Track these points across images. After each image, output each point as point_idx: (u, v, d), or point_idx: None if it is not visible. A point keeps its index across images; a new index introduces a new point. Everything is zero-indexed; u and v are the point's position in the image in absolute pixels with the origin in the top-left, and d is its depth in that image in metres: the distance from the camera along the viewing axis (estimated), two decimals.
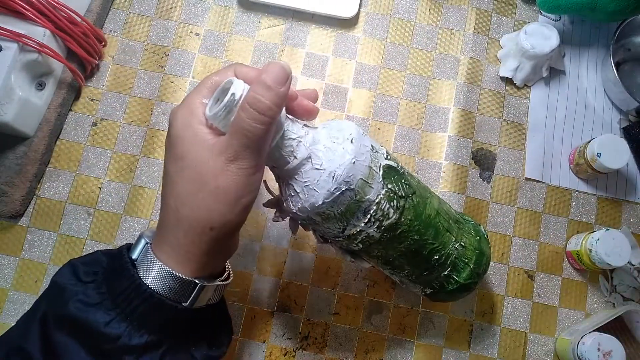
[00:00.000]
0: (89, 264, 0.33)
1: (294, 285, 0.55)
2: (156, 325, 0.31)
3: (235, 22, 0.63)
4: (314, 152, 0.36)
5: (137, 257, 0.32)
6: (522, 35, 0.58)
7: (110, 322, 0.29)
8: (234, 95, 0.32)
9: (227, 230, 0.32)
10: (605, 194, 0.59)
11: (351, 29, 0.63)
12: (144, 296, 0.30)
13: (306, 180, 0.36)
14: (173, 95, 0.60)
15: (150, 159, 0.58)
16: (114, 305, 0.30)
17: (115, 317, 0.30)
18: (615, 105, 0.62)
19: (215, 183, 0.31)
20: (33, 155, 0.54)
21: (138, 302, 0.30)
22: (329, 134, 0.37)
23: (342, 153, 0.36)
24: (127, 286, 0.30)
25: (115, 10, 0.62)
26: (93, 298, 0.30)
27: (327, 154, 0.36)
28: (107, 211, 0.56)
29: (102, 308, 0.30)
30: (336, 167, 0.35)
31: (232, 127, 0.31)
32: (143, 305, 0.30)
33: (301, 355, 0.53)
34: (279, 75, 0.31)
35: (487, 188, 0.59)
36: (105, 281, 0.31)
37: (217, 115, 0.32)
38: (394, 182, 0.38)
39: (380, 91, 0.61)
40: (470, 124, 0.61)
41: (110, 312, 0.30)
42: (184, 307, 0.32)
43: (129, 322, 0.30)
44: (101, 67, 0.60)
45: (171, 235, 0.32)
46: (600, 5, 0.57)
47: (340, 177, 0.35)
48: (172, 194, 0.32)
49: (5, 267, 0.54)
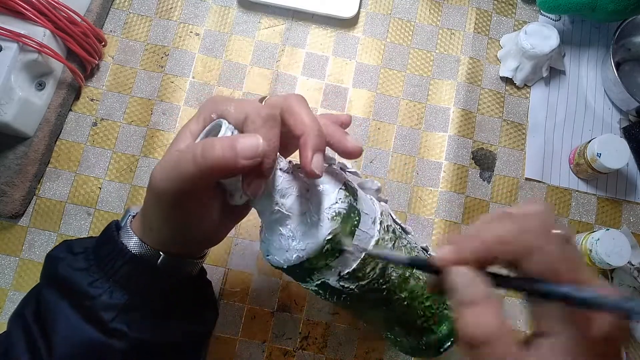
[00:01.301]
0: (82, 240, 0.37)
1: (294, 285, 0.54)
2: (136, 287, 0.33)
3: (235, 22, 0.63)
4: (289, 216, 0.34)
5: (122, 226, 0.35)
6: (522, 35, 0.58)
7: (94, 282, 0.32)
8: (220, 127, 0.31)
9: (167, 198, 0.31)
10: (605, 194, 0.59)
11: (351, 29, 0.63)
12: (124, 258, 0.33)
13: (270, 232, 0.35)
14: (173, 95, 0.60)
15: (150, 159, 0.58)
16: (99, 270, 0.33)
17: (99, 279, 0.33)
18: (615, 105, 0.62)
19: (172, 148, 0.33)
20: (33, 155, 0.54)
21: (120, 264, 0.33)
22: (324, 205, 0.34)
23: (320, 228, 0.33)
24: (111, 249, 0.33)
25: (115, 10, 0.62)
26: (81, 264, 0.33)
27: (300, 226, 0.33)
28: (107, 211, 0.56)
29: (89, 272, 0.33)
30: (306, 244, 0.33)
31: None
32: (124, 267, 0.33)
33: (301, 355, 0.53)
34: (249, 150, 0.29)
35: (487, 188, 0.59)
36: (94, 251, 0.34)
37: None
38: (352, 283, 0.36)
39: (380, 91, 0.61)
40: (470, 123, 0.61)
41: (94, 275, 0.33)
42: (159, 269, 0.34)
43: (111, 283, 0.32)
44: (101, 67, 0.60)
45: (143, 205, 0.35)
46: (600, 5, 0.57)
47: (288, 263, 0.34)
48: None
49: (5, 267, 0.54)
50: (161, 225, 0.33)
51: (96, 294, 0.32)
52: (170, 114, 0.59)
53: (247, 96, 0.61)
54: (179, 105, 0.59)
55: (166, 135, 0.58)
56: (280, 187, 0.33)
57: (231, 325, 0.53)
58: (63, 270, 0.33)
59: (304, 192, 0.34)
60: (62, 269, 0.33)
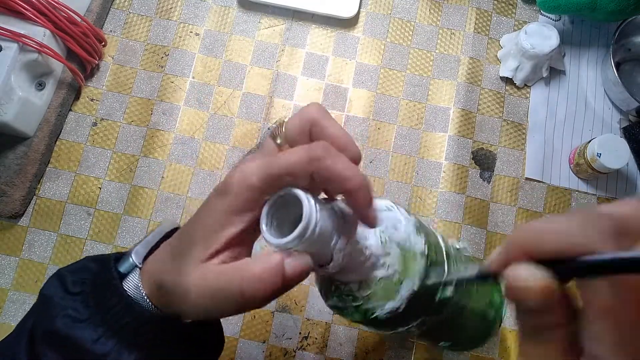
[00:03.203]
0: (76, 272, 0.32)
1: None
2: (145, 344, 0.30)
3: (235, 22, 0.63)
4: (366, 281, 0.31)
5: (126, 273, 0.31)
6: (522, 35, 0.58)
7: (98, 339, 0.29)
8: (309, 224, 0.24)
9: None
10: (605, 194, 0.59)
11: (351, 29, 0.63)
12: (133, 314, 0.29)
13: (346, 295, 0.32)
14: (173, 95, 0.60)
15: (150, 159, 0.58)
16: (103, 322, 0.29)
17: (104, 334, 0.29)
18: (615, 105, 0.62)
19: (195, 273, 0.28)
20: (33, 155, 0.54)
21: (129, 319, 0.29)
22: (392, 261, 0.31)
23: (390, 296, 0.31)
24: (117, 302, 0.29)
25: (115, 10, 0.62)
26: (81, 313, 0.29)
27: (377, 287, 0.31)
28: (107, 211, 0.56)
29: (91, 324, 0.29)
30: (376, 306, 0.31)
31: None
32: (132, 323, 0.29)
33: (301, 355, 0.53)
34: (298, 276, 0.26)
35: (487, 188, 0.59)
36: (93, 293, 0.30)
37: (286, 246, 0.25)
38: (432, 314, 0.35)
39: (380, 91, 0.61)
40: (470, 124, 0.61)
41: (98, 329, 0.29)
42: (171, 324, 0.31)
43: (117, 339, 0.29)
44: (101, 67, 0.60)
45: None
46: (600, 5, 0.57)
47: (376, 316, 0.31)
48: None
49: (5, 267, 0.54)
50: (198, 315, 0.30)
51: (102, 352, 0.28)
52: (170, 114, 0.59)
53: (247, 96, 0.60)
54: (179, 105, 0.59)
55: (166, 135, 0.58)
56: (359, 231, 0.29)
57: (231, 325, 0.53)
58: (63, 325, 0.29)
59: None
60: (62, 322, 0.29)
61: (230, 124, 0.59)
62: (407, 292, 0.30)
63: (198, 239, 0.28)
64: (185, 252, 0.28)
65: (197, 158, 0.58)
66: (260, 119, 0.60)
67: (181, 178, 0.57)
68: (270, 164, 0.26)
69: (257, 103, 0.60)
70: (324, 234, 0.25)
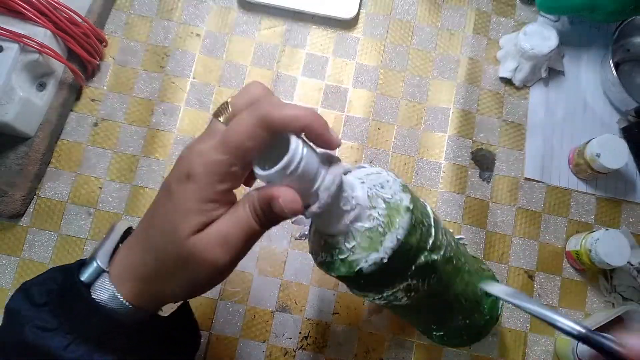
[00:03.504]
0: (42, 283, 0.32)
1: (294, 285, 0.55)
2: (115, 345, 0.30)
3: (236, 23, 0.63)
4: (352, 231, 0.32)
5: (90, 280, 0.30)
6: (521, 36, 0.59)
7: (68, 346, 0.29)
8: (291, 162, 0.27)
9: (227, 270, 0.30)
10: (604, 194, 0.59)
11: (351, 30, 0.64)
12: (99, 316, 0.29)
13: (335, 247, 0.33)
14: (174, 95, 0.60)
15: (151, 159, 0.58)
16: (71, 329, 0.29)
17: (73, 341, 0.29)
18: (614, 106, 0.62)
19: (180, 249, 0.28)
20: (34, 156, 0.54)
21: (96, 323, 0.29)
22: (378, 212, 0.32)
23: (376, 247, 0.32)
24: (83, 308, 0.29)
25: (116, 10, 0.62)
26: (49, 323, 0.29)
27: (363, 239, 0.32)
28: (108, 211, 0.56)
29: (60, 332, 0.29)
30: (362, 258, 0.32)
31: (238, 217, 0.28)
32: (101, 325, 0.29)
33: (301, 355, 0.53)
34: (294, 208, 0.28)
35: (486, 188, 0.59)
36: (59, 302, 0.30)
37: (268, 177, 0.27)
38: (421, 278, 0.35)
39: (380, 91, 0.62)
40: (469, 124, 0.61)
41: (67, 336, 0.29)
42: (142, 324, 0.31)
43: (87, 344, 0.29)
44: (102, 67, 0.60)
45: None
46: (599, 6, 0.57)
47: (362, 269, 0.32)
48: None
49: (6, 267, 0.54)
50: (185, 292, 0.30)
51: (74, 357, 0.28)
52: (171, 114, 0.59)
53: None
54: (179, 106, 0.60)
55: (167, 135, 0.58)
56: (346, 182, 0.31)
57: (231, 325, 0.53)
58: (32, 336, 0.29)
59: (362, 184, 0.33)
60: (30, 333, 0.29)
61: None
62: (391, 244, 0.31)
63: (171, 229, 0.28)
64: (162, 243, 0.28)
65: None
66: None
67: None
68: (226, 135, 0.27)
69: None
70: (308, 168, 0.27)
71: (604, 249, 0.51)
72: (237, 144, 0.27)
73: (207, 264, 0.28)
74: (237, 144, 0.27)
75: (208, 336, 0.52)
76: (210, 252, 0.27)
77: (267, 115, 0.26)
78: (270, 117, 0.26)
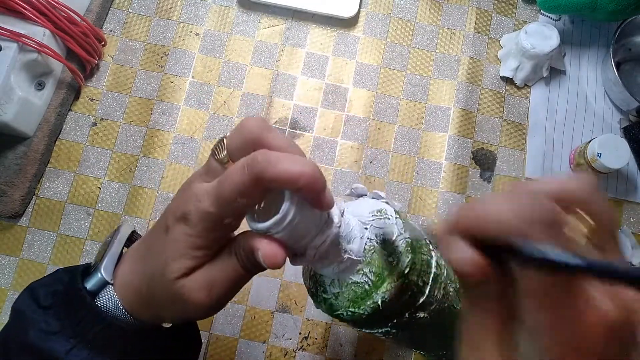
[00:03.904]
0: (49, 284, 0.32)
1: (294, 285, 0.54)
2: (117, 352, 0.30)
3: (235, 22, 0.63)
4: (339, 279, 0.32)
5: (94, 288, 0.31)
6: (523, 35, 0.58)
7: (71, 350, 0.29)
8: (283, 219, 0.26)
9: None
10: (605, 194, 0.59)
11: (351, 29, 0.63)
12: (103, 324, 0.30)
13: (322, 288, 0.33)
14: (173, 95, 0.60)
15: (150, 159, 0.58)
16: (74, 333, 0.30)
17: (76, 345, 0.29)
18: (615, 105, 0.62)
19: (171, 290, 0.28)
20: (33, 155, 0.54)
21: (98, 329, 0.30)
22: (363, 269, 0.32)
23: (363, 302, 0.31)
24: (86, 314, 0.30)
25: (114, 10, 0.62)
26: (53, 326, 0.30)
27: (349, 290, 0.32)
28: (107, 211, 0.56)
29: (63, 336, 0.30)
30: (349, 307, 0.32)
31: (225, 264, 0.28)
32: (103, 332, 0.30)
33: (301, 356, 0.53)
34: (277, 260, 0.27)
35: (487, 188, 0.59)
36: (63, 305, 0.31)
37: (260, 230, 0.27)
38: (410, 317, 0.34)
39: (380, 91, 0.61)
40: (470, 123, 0.60)
41: (70, 340, 0.29)
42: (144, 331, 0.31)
43: (90, 349, 0.30)
44: (101, 66, 0.60)
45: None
46: (600, 5, 0.57)
47: (345, 316, 0.32)
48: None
49: (5, 267, 0.54)
50: (179, 320, 0.31)
51: None
52: (170, 113, 0.59)
53: (247, 96, 0.60)
54: (178, 105, 0.59)
55: (166, 135, 0.58)
56: (344, 232, 0.30)
57: (231, 325, 0.53)
58: (36, 338, 0.29)
59: (363, 231, 0.32)
60: (34, 335, 0.29)
61: (230, 124, 0.59)
62: (373, 305, 0.31)
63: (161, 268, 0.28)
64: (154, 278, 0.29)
65: (196, 158, 0.58)
66: None
67: (181, 178, 0.57)
68: (219, 188, 0.26)
69: (257, 103, 0.60)
70: (299, 227, 0.26)
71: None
72: (229, 200, 0.26)
73: (192, 305, 0.28)
74: (230, 200, 0.26)
75: (208, 336, 0.52)
76: (195, 296, 0.28)
77: (262, 174, 0.25)
78: (265, 176, 0.25)
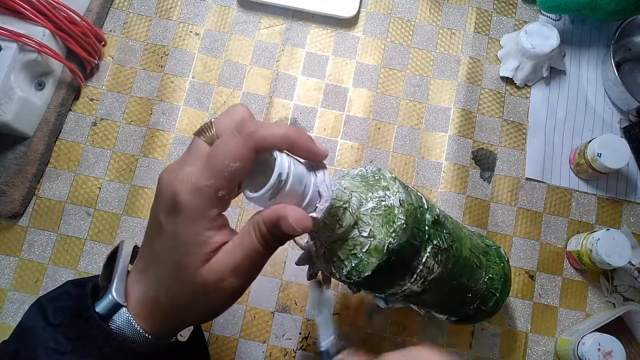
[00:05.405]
0: (57, 299, 0.32)
1: (294, 285, 0.54)
2: None
3: (235, 22, 0.63)
4: (361, 218, 0.33)
5: (106, 312, 0.30)
6: (523, 35, 0.58)
7: None
8: (281, 176, 0.26)
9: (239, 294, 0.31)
10: (605, 194, 0.59)
11: (351, 29, 0.63)
12: (113, 345, 0.29)
13: (352, 248, 0.33)
14: (173, 95, 0.60)
15: (150, 159, 0.57)
16: (85, 353, 0.29)
17: None
18: (615, 105, 0.62)
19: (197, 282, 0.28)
20: (32, 155, 0.54)
21: (109, 349, 0.29)
22: (373, 194, 0.34)
23: (391, 218, 0.33)
24: (97, 334, 0.29)
25: (115, 10, 0.62)
26: (63, 345, 0.29)
27: (375, 220, 0.33)
28: (107, 211, 0.56)
29: (74, 356, 0.29)
30: (386, 235, 0.32)
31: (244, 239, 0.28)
32: (115, 353, 0.29)
33: (301, 356, 0.53)
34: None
35: (487, 188, 0.59)
36: (73, 324, 0.30)
37: (261, 198, 0.27)
38: (438, 236, 0.36)
39: (380, 91, 0.61)
40: (470, 123, 0.60)
41: None
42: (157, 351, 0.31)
43: None
44: (101, 66, 0.60)
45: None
46: (600, 5, 0.57)
47: (392, 245, 0.32)
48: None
49: (5, 267, 0.54)
50: (204, 318, 0.31)
51: None
52: (170, 113, 0.59)
53: (247, 96, 0.60)
54: (178, 105, 0.59)
55: (166, 135, 0.58)
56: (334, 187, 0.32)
57: (231, 325, 0.53)
58: (45, 358, 0.28)
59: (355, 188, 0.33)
60: (44, 354, 0.28)
61: None
62: (399, 203, 0.33)
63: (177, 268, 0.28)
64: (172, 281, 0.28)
65: None
66: (261, 119, 0.60)
67: None
68: (211, 158, 0.26)
69: (257, 103, 0.60)
70: (299, 177, 0.27)
71: (604, 249, 0.51)
72: (223, 166, 0.26)
73: (222, 292, 0.28)
74: (223, 166, 0.26)
75: (208, 336, 0.52)
76: (224, 282, 0.27)
77: (253, 135, 0.26)
78: (256, 136, 0.26)
